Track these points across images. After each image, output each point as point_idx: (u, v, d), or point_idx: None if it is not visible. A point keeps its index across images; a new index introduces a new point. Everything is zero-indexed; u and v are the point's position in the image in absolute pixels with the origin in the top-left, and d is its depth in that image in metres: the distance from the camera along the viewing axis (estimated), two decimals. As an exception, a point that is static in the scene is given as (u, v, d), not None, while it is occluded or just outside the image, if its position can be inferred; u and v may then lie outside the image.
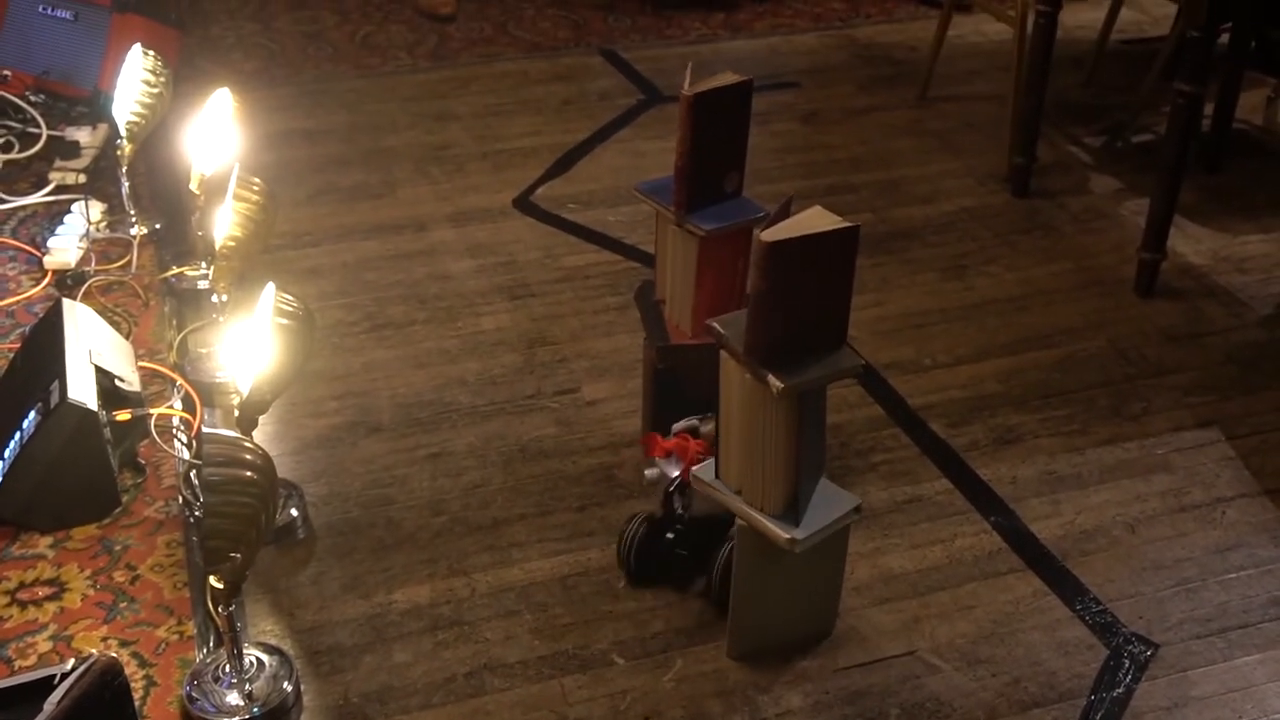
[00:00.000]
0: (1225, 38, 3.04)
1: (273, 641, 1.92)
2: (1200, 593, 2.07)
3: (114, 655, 1.68)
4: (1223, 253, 2.96)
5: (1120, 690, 1.89)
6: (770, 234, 1.61)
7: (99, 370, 2.17)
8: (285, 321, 1.82)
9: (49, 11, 3.31)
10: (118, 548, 2.08)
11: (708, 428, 2.03)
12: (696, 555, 2.04)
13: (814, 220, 1.65)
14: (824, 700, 1.87)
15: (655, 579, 2.06)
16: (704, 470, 1.88)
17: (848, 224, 1.65)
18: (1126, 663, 1.94)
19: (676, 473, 2.00)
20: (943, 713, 1.85)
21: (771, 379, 1.66)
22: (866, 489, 2.23)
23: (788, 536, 1.76)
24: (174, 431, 2.29)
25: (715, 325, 1.75)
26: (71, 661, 1.49)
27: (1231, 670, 1.93)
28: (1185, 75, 2.63)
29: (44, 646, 1.90)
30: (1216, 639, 1.99)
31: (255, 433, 1.84)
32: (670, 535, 2.03)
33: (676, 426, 2.06)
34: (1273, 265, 2.91)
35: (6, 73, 3.27)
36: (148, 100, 2.64)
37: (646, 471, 2.08)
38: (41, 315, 2.36)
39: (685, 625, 1.98)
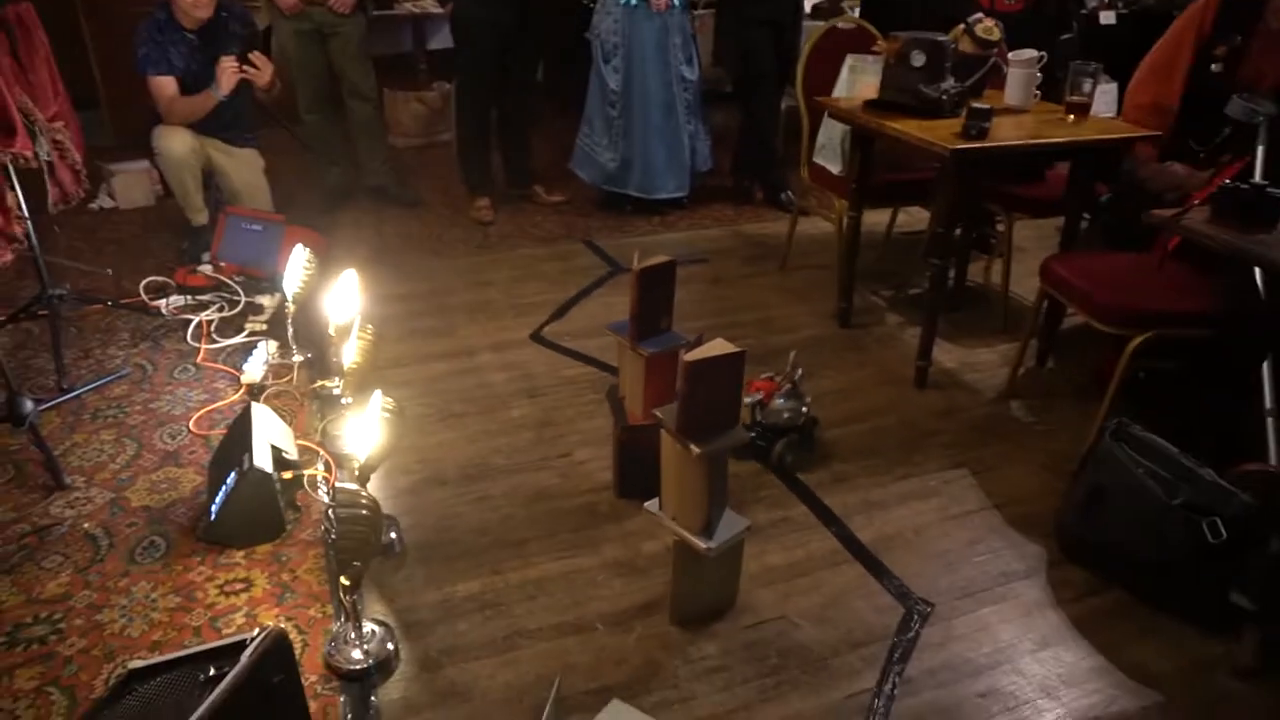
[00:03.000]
0: (959, 232, 3.12)
1: (380, 618, 1.92)
2: (959, 569, 2.10)
3: (283, 627, 1.67)
4: (965, 360, 3.02)
5: (911, 634, 1.92)
6: (690, 356, 1.65)
7: (273, 447, 2.18)
8: (386, 414, 1.85)
9: (248, 227, 3.36)
10: (284, 558, 2.08)
11: (784, 375, 2.44)
12: (767, 442, 2.39)
13: (717, 347, 1.68)
14: (729, 648, 1.88)
15: (744, 457, 2.41)
16: (653, 505, 1.88)
17: (738, 349, 1.68)
18: (915, 617, 1.97)
19: (760, 398, 2.42)
20: (803, 654, 1.87)
21: (693, 447, 1.69)
22: (754, 513, 2.24)
23: (704, 546, 1.78)
24: (318, 485, 2.29)
25: (658, 413, 1.78)
26: (256, 630, 1.48)
27: (978, 619, 1.97)
28: (936, 254, 2.71)
29: (240, 621, 1.90)
30: (969, 600, 2.02)
31: (369, 485, 1.85)
32: (753, 434, 2.39)
33: (763, 376, 2.50)
34: (994, 367, 2.97)
35: (222, 264, 3.31)
36: (305, 278, 2.68)
37: (747, 399, 2.41)
38: (239, 413, 2.37)
39: (643, 604, 1.98)
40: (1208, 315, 2.28)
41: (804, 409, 2.41)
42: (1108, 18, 5.53)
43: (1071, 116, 2.71)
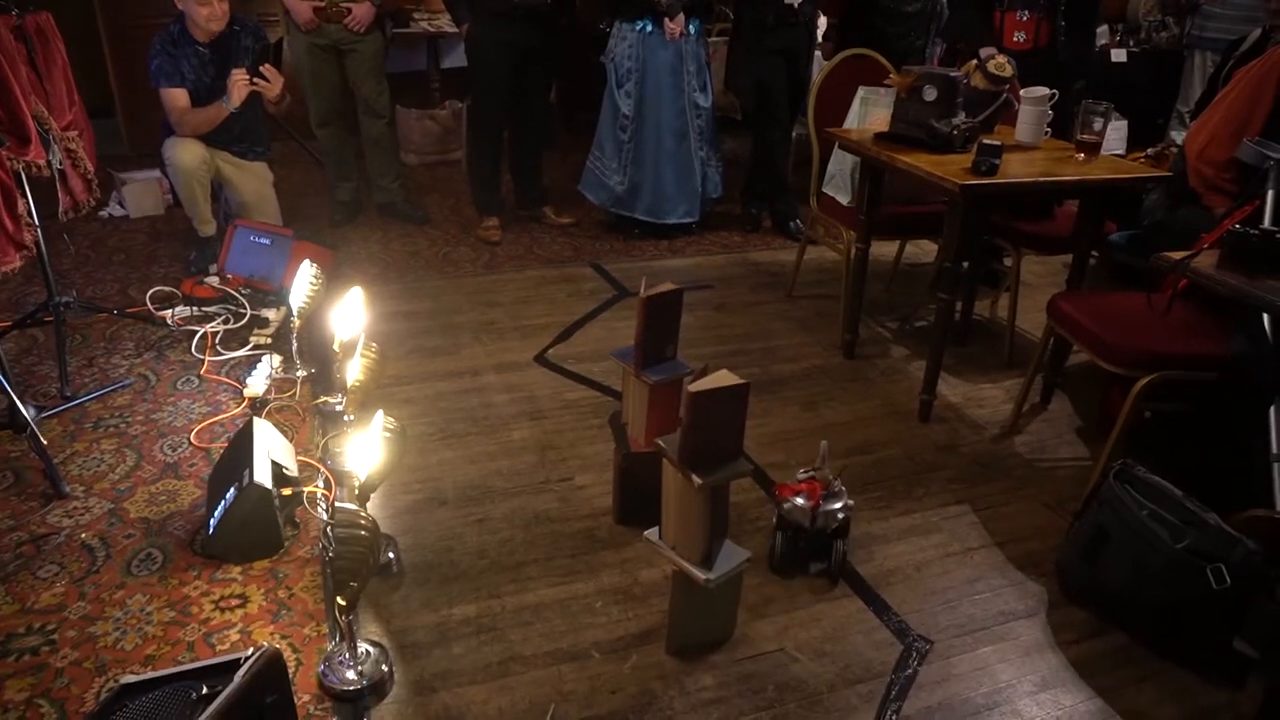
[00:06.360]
0: (966, 266, 3.13)
1: (376, 638, 1.91)
2: (958, 608, 2.09)
3: (277, 647, 1.67)
4: (969, 395, 3.02)
5: (909, 671, 1.91)
6: (695, 386, 1.65)
7: (273, 462, 2.18)
8: (388, 434, 1.85)
9: (255, 239, 3.38)
10: (281, 575, 2.07)
11: (821, 472, 2.15)
12: (824, 548, 2.13)
13: (722, 378, 1.68)
14: (726, 680, 1.87)
15: (795, 569, 2.16)
16: (652, 533, 1.88)
17: (742, 381, 1.68)
18: (914, 654, 1.95)
19: (808, 503, 2.09)
20: (800, 688, 1.86)
21: (694, 477, 1.68)
22: (753, 544, 2.22)
23: (704, 577, 1.77)
24: (318, 502, 2.28)
25: (660, 442, 1.78)
26: (250, 650, 1.48)
27: (977, 657, 1.95)
28: (943, 287, 2.70)
29: (234, 637, 1.89)
30: (968, 637, 2.00)
31: (368, 504, 1.85)
32: (801, 544, 2.13)
33: (801, 475, 2.16)
34: (999, 403, 2.97)
35: (229, 276, 3.32)
36: (311, 293, 2.68)
37: (784, 506, 2.11)
38: (241, 426, 2.37)
39: (640, 632, 1.97)
40: (1216, 358, 2.28)
41: (850, 503, 2.14)
42: (1119, 55, 5.57)
43: (1082, 155, 2.72)
